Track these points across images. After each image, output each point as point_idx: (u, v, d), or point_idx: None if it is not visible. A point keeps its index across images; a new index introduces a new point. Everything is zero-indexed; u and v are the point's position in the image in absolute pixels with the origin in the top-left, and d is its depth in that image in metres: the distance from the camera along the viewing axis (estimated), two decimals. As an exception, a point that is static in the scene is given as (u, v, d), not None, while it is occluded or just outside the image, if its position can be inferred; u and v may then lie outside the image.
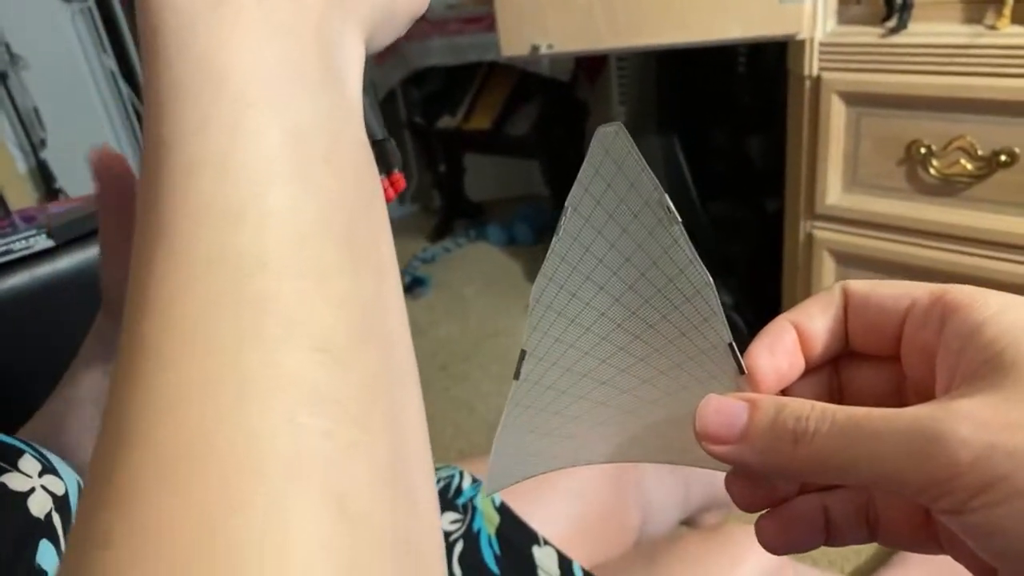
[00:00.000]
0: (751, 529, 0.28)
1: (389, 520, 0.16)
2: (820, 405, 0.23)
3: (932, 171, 1.04)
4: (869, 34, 1.05)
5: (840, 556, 1.13)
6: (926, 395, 0.24)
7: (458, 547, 0.57)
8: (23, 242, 0.62)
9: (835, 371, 0.28)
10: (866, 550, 1.13)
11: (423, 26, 1.97)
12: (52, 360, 0.65)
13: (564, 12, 1.14)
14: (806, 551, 0.27)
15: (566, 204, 0.28)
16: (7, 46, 2.56)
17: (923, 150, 1.04)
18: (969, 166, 1.01)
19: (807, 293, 1.25)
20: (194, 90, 0.19)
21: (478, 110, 2.12)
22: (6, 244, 0.61)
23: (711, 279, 0.28)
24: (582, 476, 0.69)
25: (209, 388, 0.15)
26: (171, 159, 0.19)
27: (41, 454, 0.41)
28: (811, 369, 0.28)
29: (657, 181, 0.27)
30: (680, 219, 0.27)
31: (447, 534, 0.59)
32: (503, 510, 0.61)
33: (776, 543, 0.26)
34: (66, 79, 2.68)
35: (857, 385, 0.28)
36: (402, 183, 0.35)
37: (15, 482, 0.37)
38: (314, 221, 0.19)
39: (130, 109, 2.77)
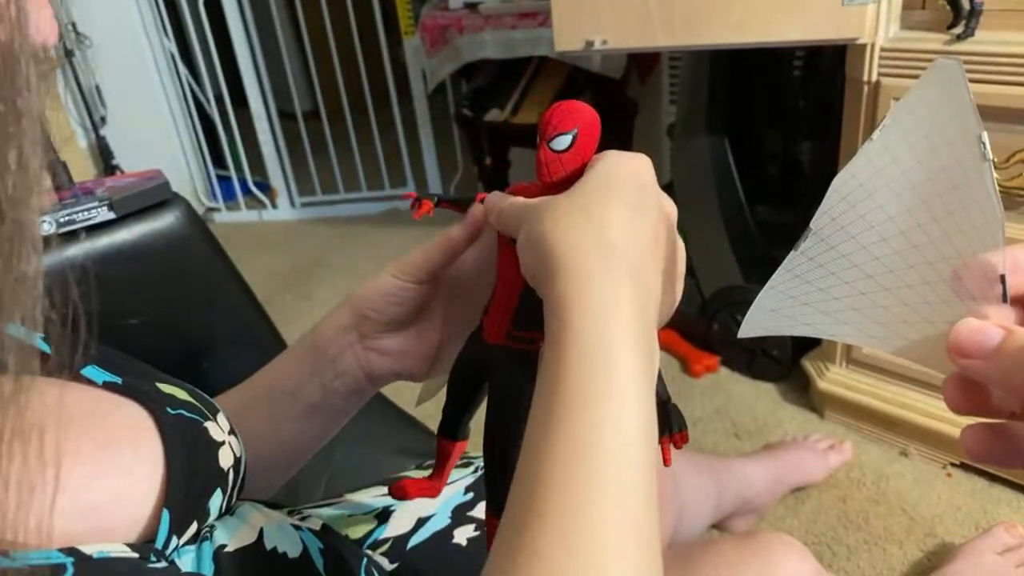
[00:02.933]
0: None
1: None
2: None
3: (992, 183, 1.01)
4: (933, 40, 1.02)
5: (875, 573, 1.11)
6: None
7: None
8: (85, 213, 0.64)
9: None
10: (902, 568, 1.11)
11: (476, 19, 1.97)
12: (106, 329, 0.67)
13: (620, 9, 1.14)
14: (1001, 466, 0.35)
15: (888, 114, 0.33)
16: (73, 25, 2.64)
17: (984, 162, 1.01)
18: (1032, 180, 0.98)
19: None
20: (594, 381, 0.31)
21: (526, 104, 2.12)
22: (69, 214, 0.63)
23: (1004, 216, 0.31)
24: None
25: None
26: (564, 429, 0.31)
27: (227, 416, 0.45)
28: None
29: (980, 119, 0.31)
30: (993, 159, 0.31)
31: (483, 523, 0.59)
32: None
33: (978, 449, 0.32)
34: (127, 59, 2.75)
35: None
36: (685, 440, 0.40)
37: (214, 431, 0.42)
38: (646, 496, 0.30)
39: (187, 90, 2.83)
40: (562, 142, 0.38)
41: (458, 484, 0.64)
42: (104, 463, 0.35)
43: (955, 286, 0.33)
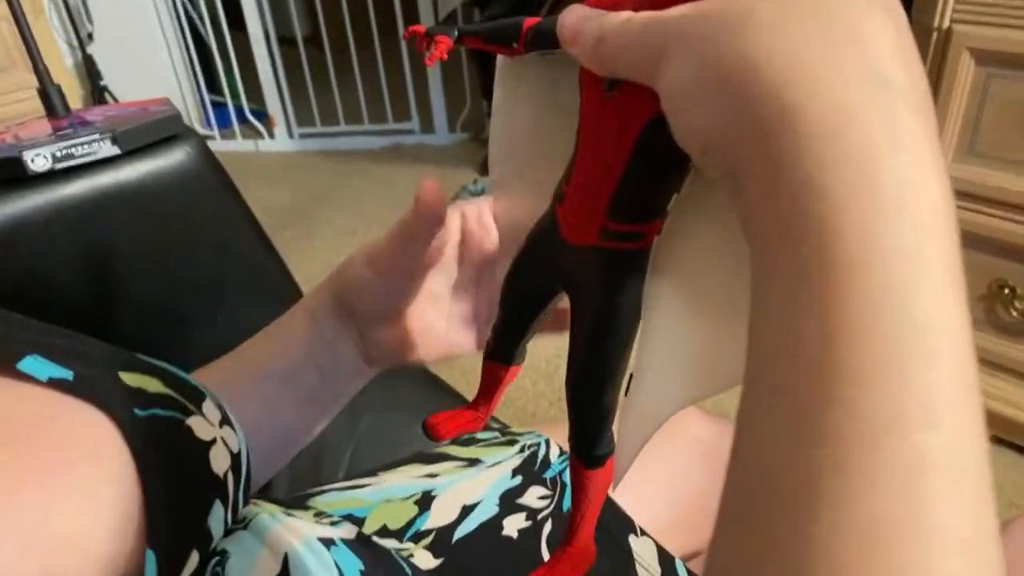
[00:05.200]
0: None
1: None
2: None
3: (1066, 146, 0.93)
4: (1017, -15, 0.93)
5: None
6: None
7: (547, 527, 0.52)
8: (85, 147, 0.56)
9: None
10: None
11: (497, -58, 1.84)
12: (113, 274, 0.60)
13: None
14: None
15: None
16: (58, -67, 2.47)
17: (1059, 122, 0.93)
18: (1111, 144, 0.90)
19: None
20: (900, 330, 0.17)
21: (545, 39, 2.00)
22: (66, 148, 0.55)
23: None
24: (674, 459, 0.63)
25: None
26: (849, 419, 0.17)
27: (218, 401, 0.37)
28: None
29: None
30: None
31: (535, 511, 0.53)
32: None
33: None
34: (116, -28, 2.58)
35: None
36: None
37: (200, 428, 0.33)
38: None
39: (181, 9, 2.67)
40: None
41: (504, 466, 0.58)
42: (52, 489, 0.27)
43: None
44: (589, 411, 0.30)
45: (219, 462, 0.34)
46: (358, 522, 0.49)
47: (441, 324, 0.45)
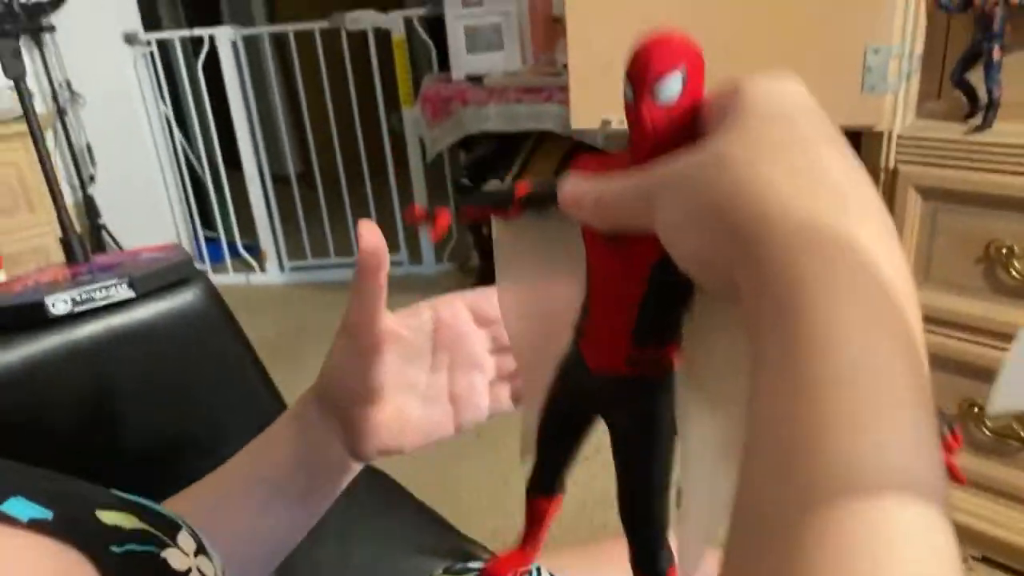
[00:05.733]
0: None
1: None
2: None
3: (1013, 272, 1.00)
4: (951, 130, 1.03)
5: None
6: None
7: None
8: (104, 291, 0.60)
9: None
10: None
11: (481, 93, 1.99)
12: (129, 411, 0.62)
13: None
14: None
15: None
16: (68, 83, 2.63)
17: (1004, 250, 1.01)
18: (1052, 270, 0.97)
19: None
20: (863, 392, 0.20)
21: (526, 176, 2.12)
22: (88, 292, 0.60)
23: None
24: None
25: None
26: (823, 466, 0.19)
27: (193, 531, 0.38)
28: None
29: None
30: None
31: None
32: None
33: None
34: (121, 120, 2.74)
35: None
36: (959, 442, 0.34)
37: (175, 560, 0.35)
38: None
39: (181, 155, 2.82)
40: (672, 86, 0.26)
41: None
42: None
43: None
44: (643, 530, 0.32)
45: None
46: None
47: (418, 410, 0.46)
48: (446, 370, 0.47)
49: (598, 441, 0.36)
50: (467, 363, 0.47)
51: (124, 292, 0.61)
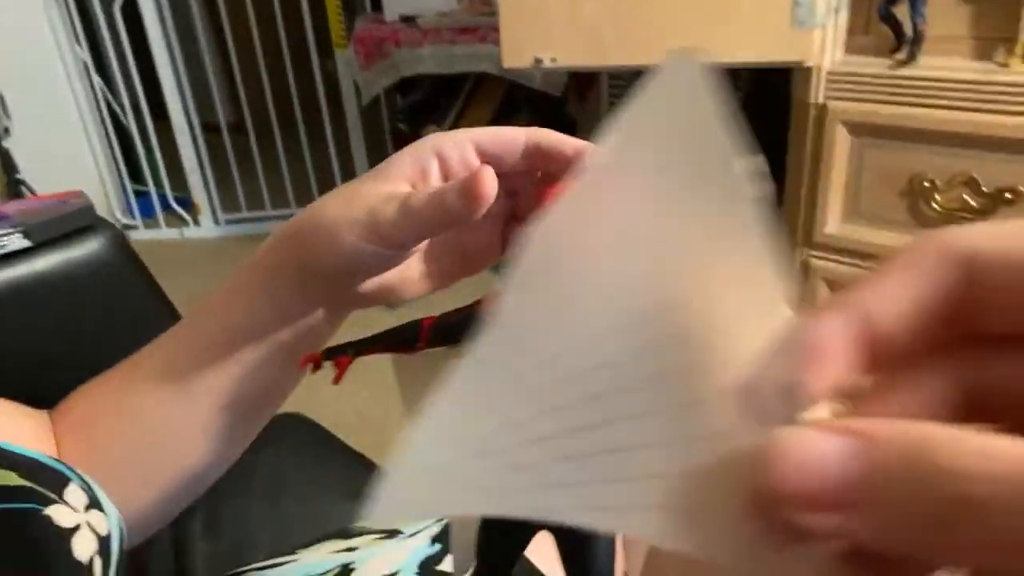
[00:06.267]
0: None
1: None
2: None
3: (935, 205, 1.03)
4: (877, 65, 1.04)
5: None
6: None
7: None
8: (-4, 241, 0.57)
9: (954, 366, 0.18)
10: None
11: (415, 34, 1.93)
12: (31, 366, 0.59)
13: (571, 27, 1.11)
14: None
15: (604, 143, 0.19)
16: (-27, 29, 2.46)
17: (926, 184, 1.03)
18: (972, 202, 1.00)
19: (800, 323, 1.23)
20: None
21: (465, 121, 2.08)
22: (-23, 242, 0.56)
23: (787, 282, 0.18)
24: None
25: None
26: None
27: (87, 483, 0.36)
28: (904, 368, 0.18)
29: (731, 136, 0.18)
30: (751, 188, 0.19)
31: (454, 577, 0.54)
32: None
33: None
34: (35, 68, 2.58)
35: (1001, 387, 0.17)
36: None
37: (61, 516, 0.33)
38: None
39: (103, 104, 2.67)
40: None
41: (423, 534, 0.59)
42: None
43: (729, 404, 0.17)
44: None
45: (83, 548, 0.34)
46: None
47: (421, 267, 0.42)
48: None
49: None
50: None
51: (19, 242, 0.58)
